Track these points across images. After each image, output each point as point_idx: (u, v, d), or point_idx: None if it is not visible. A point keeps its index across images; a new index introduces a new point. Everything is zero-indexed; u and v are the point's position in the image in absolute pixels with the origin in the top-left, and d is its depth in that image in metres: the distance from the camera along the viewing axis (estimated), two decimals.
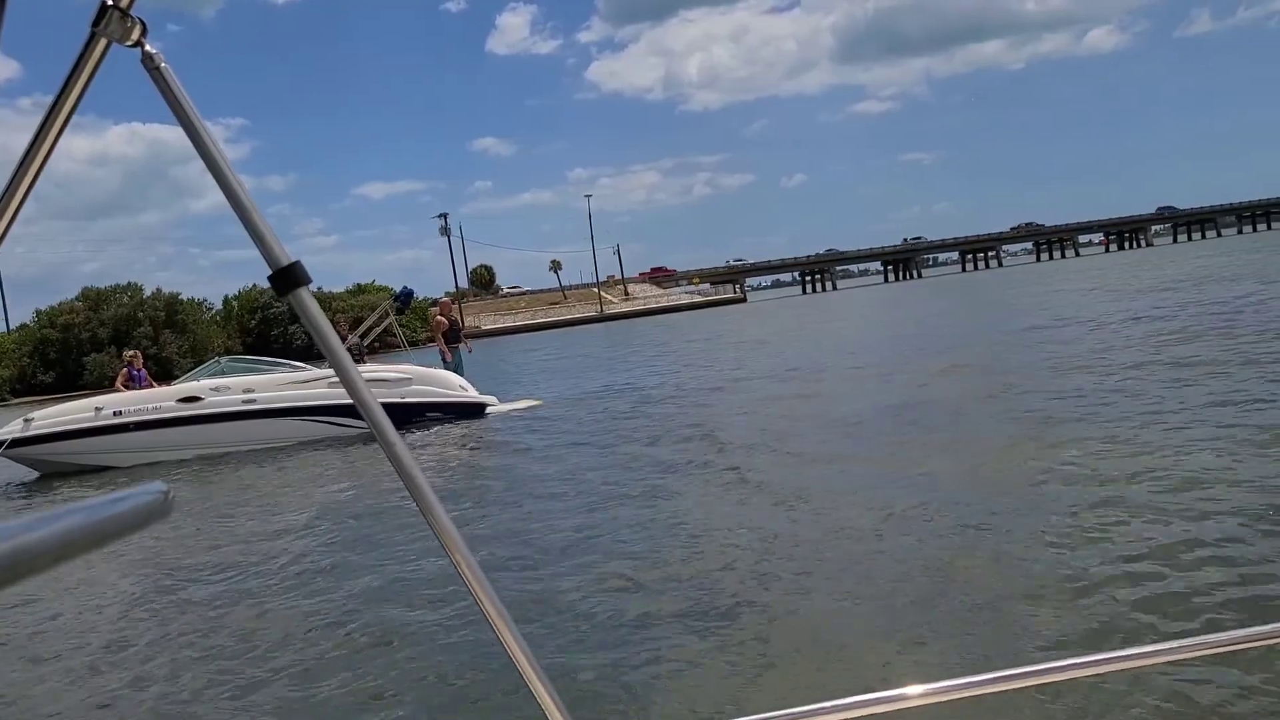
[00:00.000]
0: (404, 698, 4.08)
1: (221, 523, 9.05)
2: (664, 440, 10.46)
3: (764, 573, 5.22)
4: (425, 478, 1.04)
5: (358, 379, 1.06)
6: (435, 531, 1.04)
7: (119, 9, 1.01)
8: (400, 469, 1.05)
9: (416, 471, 1.04)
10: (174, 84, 1.07)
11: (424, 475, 1.04)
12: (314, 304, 1.06)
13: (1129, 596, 4.16)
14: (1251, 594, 4.01)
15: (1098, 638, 3.74)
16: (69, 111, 1.06)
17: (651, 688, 3.90)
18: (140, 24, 1.03)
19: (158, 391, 15.23)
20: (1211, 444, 6.76)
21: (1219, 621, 3.68)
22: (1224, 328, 13.74)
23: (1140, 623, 3.87)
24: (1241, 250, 51.42)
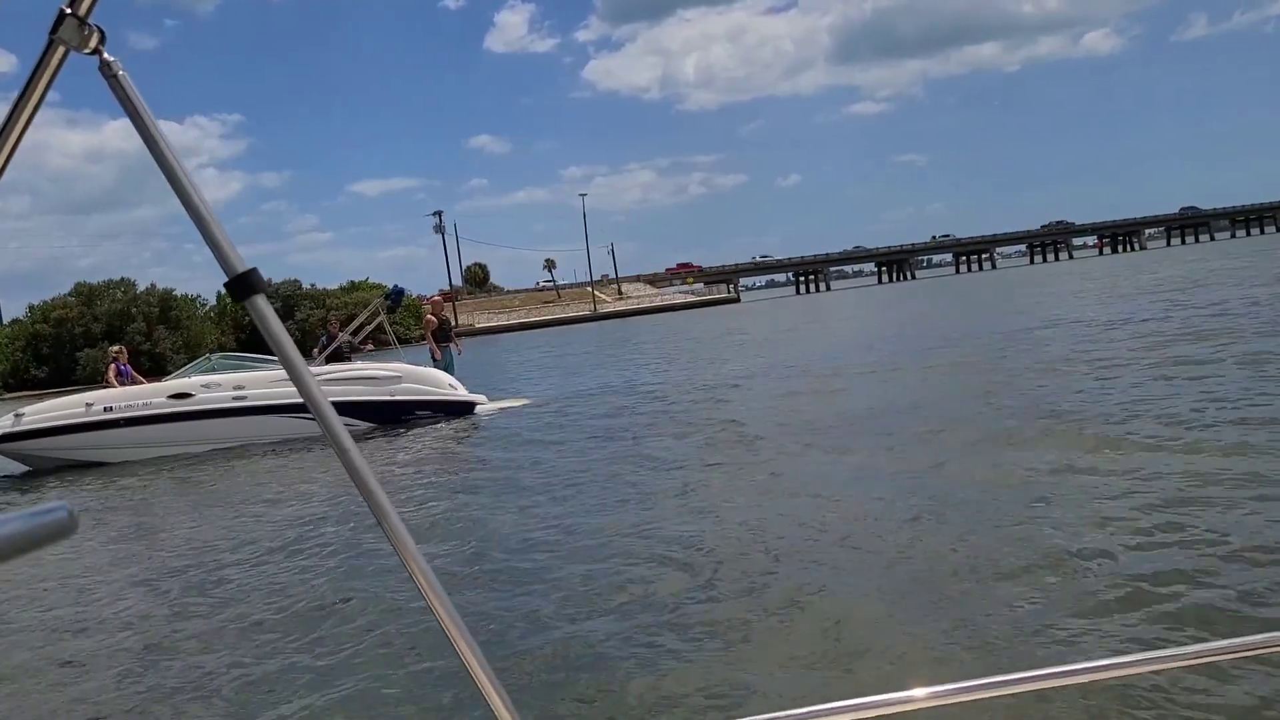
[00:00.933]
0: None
1: (208, 516, 9.11)
2: (649, 438, 10.54)
3: (751, 570, 5.28)
4: (380, 485, 1.06)
5: (313, 385, 1.08)
6: (390, 538, 1.06)
7: (76, 17, 1.01)
8: (354, 474, 1.06)
9: (371, 478, 1.06)
10: (131, 91, 1.05)
11: (379, 482, 1.06)
12: (270, 311, 1.08)
13: (1179, 599, 4.10)
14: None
15: (1125, 642, 3.75)
16: (28, 117, 1.06)
17: (641, 690, 3.92)
18: (98, 31, 1.03)
19: (149, 388, 15.28)
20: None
21: (1240, 625, 3.70)
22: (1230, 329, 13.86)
23: (1174, 628, 3.84)
24: (1240, 254, 51.58)
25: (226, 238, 1.07)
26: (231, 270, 1.07)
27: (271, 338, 1.08)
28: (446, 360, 16.64)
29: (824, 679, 3.81)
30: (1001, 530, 5.44)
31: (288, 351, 1.07)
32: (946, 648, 3.96)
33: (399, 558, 1.06)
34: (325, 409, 1.07)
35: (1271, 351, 10.77)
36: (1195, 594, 4.14)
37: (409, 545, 1.06)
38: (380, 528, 1.06)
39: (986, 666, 3.71)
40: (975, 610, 4.31)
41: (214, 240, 1.07)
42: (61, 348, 69.29)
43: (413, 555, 1.06)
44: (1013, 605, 4.32)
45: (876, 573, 5.00)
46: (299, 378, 1.07)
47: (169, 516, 9.74)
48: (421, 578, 1.05)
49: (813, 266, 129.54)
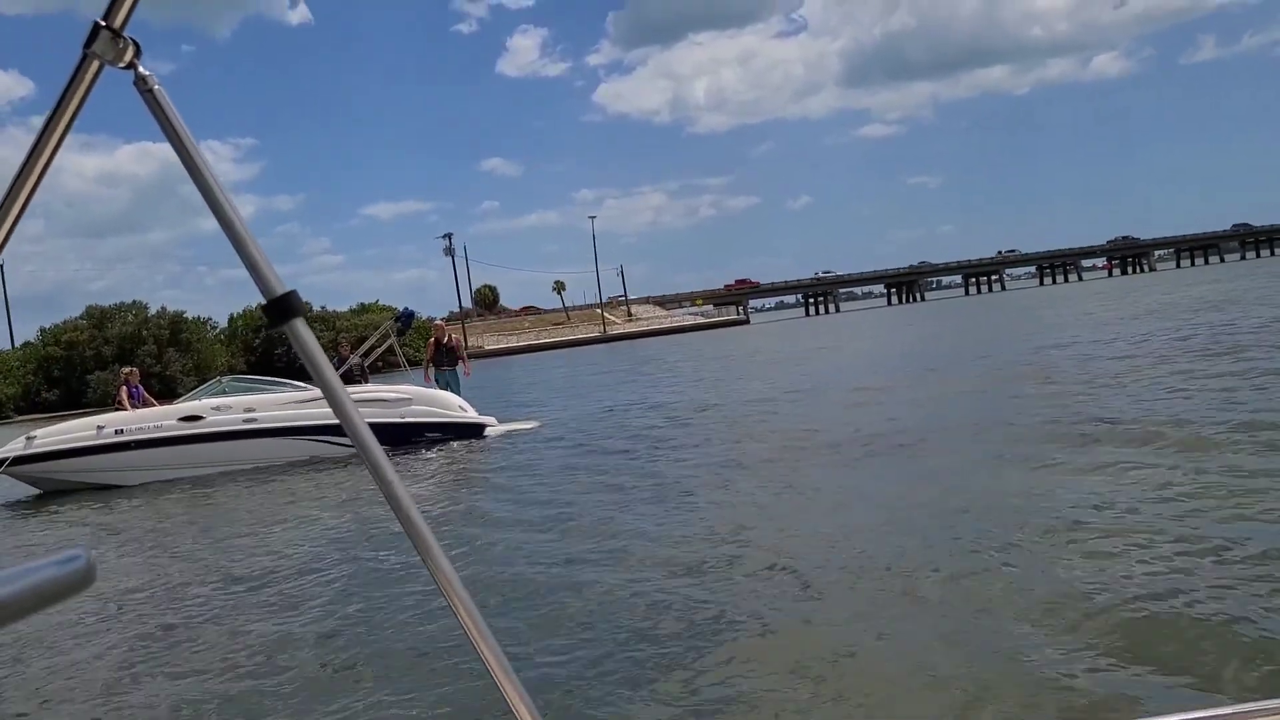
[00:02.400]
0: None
1: (218, 540, 9.09)
2: (661, 463, 10.50)
3: (755, 603, 5.25)
4: (417, 509, 1.04)
5: (351, 408, 1.04)
6: (430, 569, 1.03)
7: (111, 30, 0.98)
8: (392, 498, 1.04)
9: (408, 500, 1.04)
10: (168, 107, 1.03)
11: (416, 507, 1.04)
12: (309, 334, 1.04)
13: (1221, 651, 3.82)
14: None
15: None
16: (62, 132, 1.03)
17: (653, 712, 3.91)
18: (134, 45, 1.00)
19: (159, 410, 15.30)
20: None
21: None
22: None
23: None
24: (1246, 275, 51.45)
25: (265, 258, 1.04)
26: (270, 292, 1.04)
27: (310, 363, 1.04)
28: (447, 382, 16.67)
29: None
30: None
31: (326, 377, 1.04)
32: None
33: (440, 590, 1.03)
34: (365, 435, 1.03)
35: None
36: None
37: (451, 577, 1.03)
38: (422, 561, 1.04)
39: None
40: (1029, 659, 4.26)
41: (252, 261, 1.04)
42: (72, 371, 69.57)
43: (451, 581, 1.03)
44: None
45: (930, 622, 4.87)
46: (339, 404, 1.04)
47: (180, 538, 9.72)
48: (463, 612, 1.02)
49: (822, 288, 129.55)
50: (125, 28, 1.00)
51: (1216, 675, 3.59)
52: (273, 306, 1.03)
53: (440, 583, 1.03)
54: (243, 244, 1.04)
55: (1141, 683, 3.63)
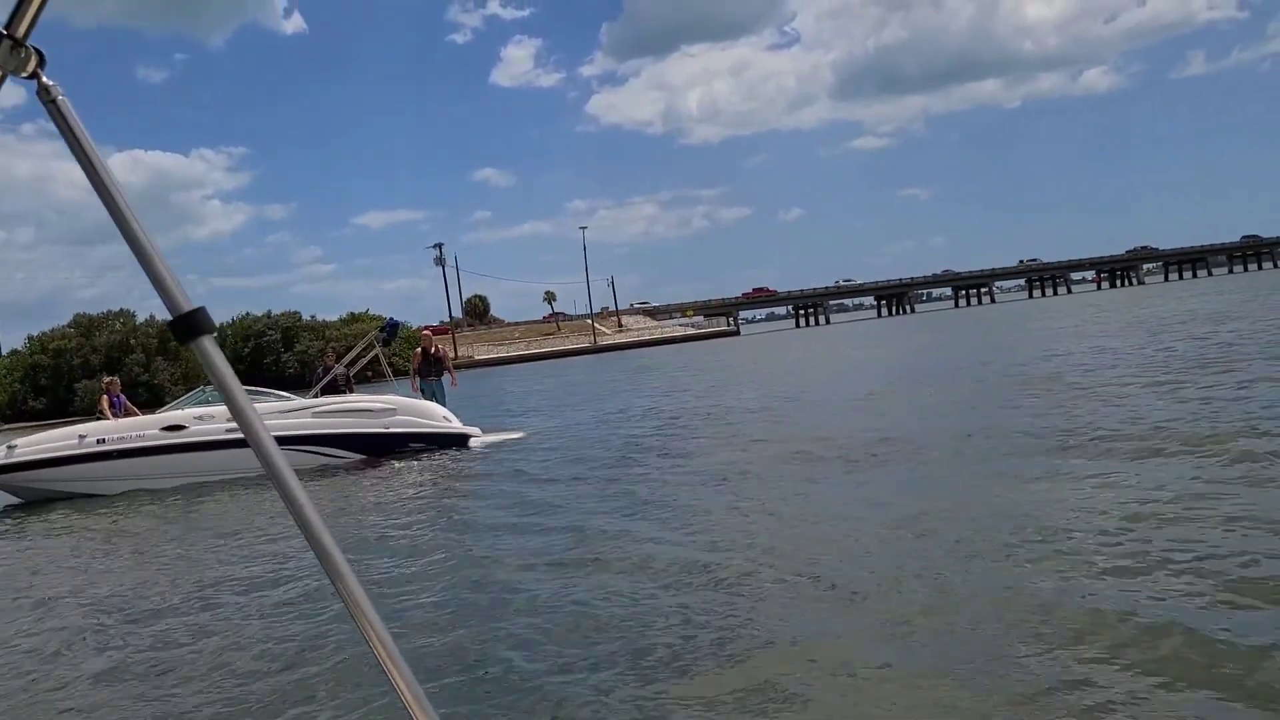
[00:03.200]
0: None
1: (195, 552, 9.04)
2: (640, 473, 10.48)
3: (734, 620, 5.24)
4: (328, 531, 1.03)
5: (261, 429, 1.03)
6: (340, 592, 1.02)
7: (12, 39, 0.97)
8: (301, 520, 1.03)
9: (318, 522, 1.03)
10: (72, 118, 1.00)
11: (327, 529, 1.03)
12: (217, 352, 1.02)
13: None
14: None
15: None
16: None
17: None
18: (37, 54, 0.99)
19: (142, 420, 15.24)
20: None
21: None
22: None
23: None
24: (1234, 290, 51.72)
25: (172, 274, 1.02)
26: (177, 309, 1.02)
27: (219, 381, 1.02)
28: (431, 392, 16.66)
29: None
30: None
31: (236, 397, 1.03)
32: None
33: (349, 614, 1.02)
34: (274, 457, 1.02)
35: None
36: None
37: (361, 600, 1.01)
38: (334, 587, 1.02)
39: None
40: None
41: (158, 277, 1.02)
42: (60, 379, 69.22)
43: (365, 613, 1.01)
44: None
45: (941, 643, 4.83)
46: (247, 424, 1.03)
47: (158, 548, 9.66)
48: (374, 636, 1.01)
49: (812, 300, 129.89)
50: (28, 38, 0.99)
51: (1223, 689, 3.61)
52: (179, 323, 1.02)
53: (350, 606, 1.02)
54: (149, 259, 1.02)
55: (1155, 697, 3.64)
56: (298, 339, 79.96)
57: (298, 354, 75.09)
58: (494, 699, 4.27)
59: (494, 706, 4.18)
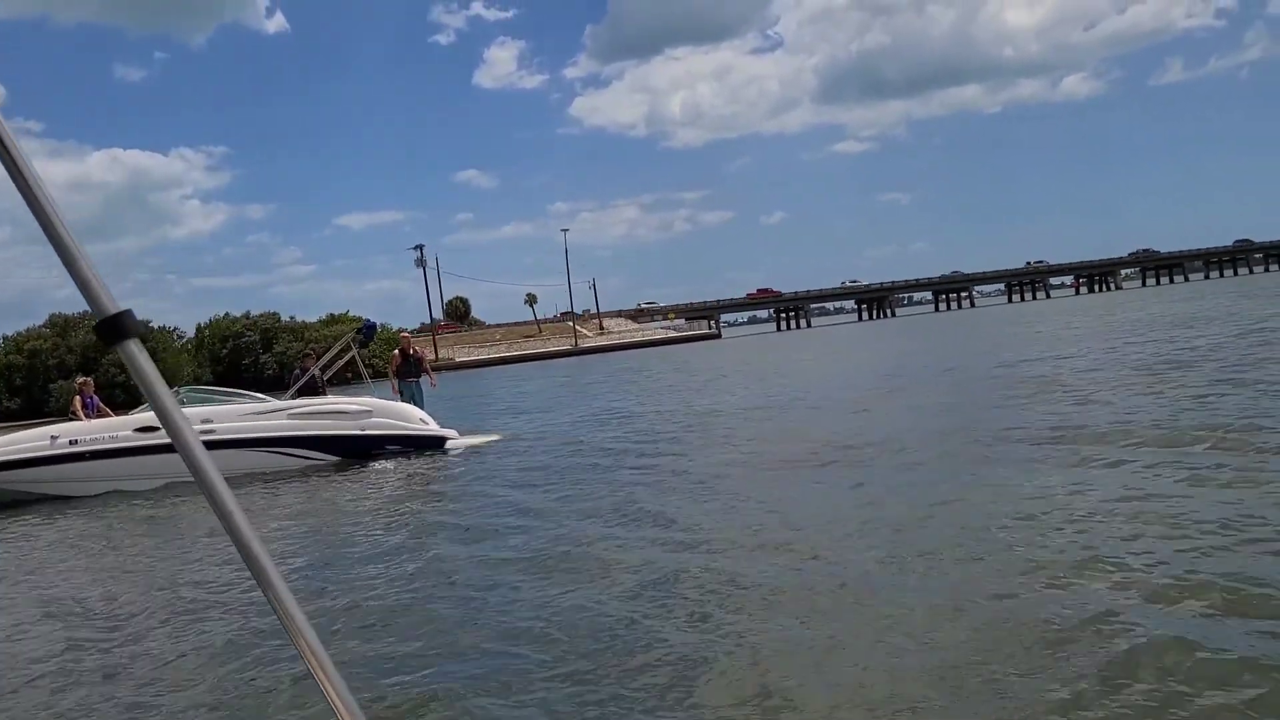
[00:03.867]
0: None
1: (165, 554, 8.98)
2: (615, 476, 10.48)
3: (702, 624, 5.24)
4: (259, 539, 1.01)
5: (191, 437, 1.00)
6: (270, 600, 1.00)
7: None
8: (232, 529, 1.01)
9: (248, 531, 1.01)
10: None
11: (258, 537, 1.01)
12: (144, 355, 0.99)
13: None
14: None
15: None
16: None
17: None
18: None
19: (114, 421, 15.11)
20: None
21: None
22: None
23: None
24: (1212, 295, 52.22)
25: (97, 275, 0.99)
26: (102, 311, 0.98)
27: (145, 385, 0.99)
28: (411, 395, 16.57)
29: None
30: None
31: (163, 402, 0.99)
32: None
33: (280, 623, 1.00)
34: (204, 464, 1.00)
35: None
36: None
37: (292, 609, 1.00)
38: (265, 596, 1.00)
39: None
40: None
41: (83, 278, 0.98)
42: (35, 379, 68.64)
43: (296, 621, 1.00)
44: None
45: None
46: (177, 431, 0.99)
47: (129, 550, 9.59)
48: (305, 645, 1.00)
49: (793, 304, 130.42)
50: None
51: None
52: (105, 326, 0.98)
53: (280, 614, 1.01)
54: (73, 260, 0.98)
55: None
56: (277, 340, 79.55)
57: (276, 355, 74.69)
58: (448, 706, 4.26)
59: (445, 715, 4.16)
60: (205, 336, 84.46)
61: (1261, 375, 12.26)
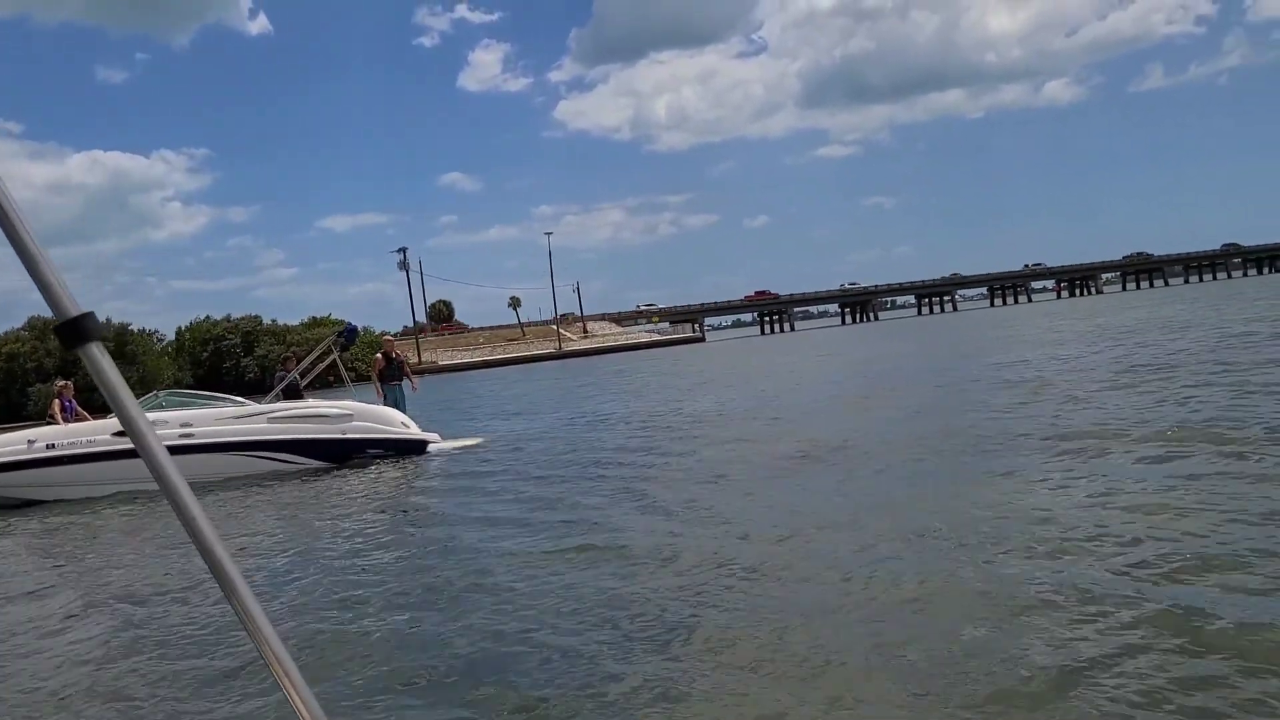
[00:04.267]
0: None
1: (143, 558, 8.92)
2: (594, 481, 10.47)
3: (678, 624, 5.24)
4: (222, 544, 1.01)
5: (154, 440, 1.00)
6: (233, 605, 1.01)
7: None
8: (195, 534, 1.01)
9: (212, 535, 1.01)
10: None
11: (221, 541, 1.01)
12: (107, 359, 0.99)
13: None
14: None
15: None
16: None
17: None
18: None
19: (93, 425, 14.98)
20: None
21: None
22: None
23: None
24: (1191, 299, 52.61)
25: (59, 277, 0.98)
26: (64, 313, 0.97)
27: (108, 390, 0.99)
28: (395, 399, 16.51)
29: None
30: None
31: (126, 406, 0.99)
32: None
33: (242, 625, 1.00)
34: (167, 469, 0.99)
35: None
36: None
37: (255, 612, 1.01)
38: (228, 601, 1.00)
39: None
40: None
41: (44, 281, 0.97)
42: (13, 382, 68.06)
43: (259, 625, 1.00)
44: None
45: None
46: (139, 435, 0.99)
47: (110, 555, 9.52)
48: (268, 649, 1.00)
49: (777, 307, 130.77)
50: None
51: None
52: (66, 328, 0.97)
53: (243, 618, 1.01)
54: (34, 262, 0.97)
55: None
56: (258, 343, 79.16)
57: (258, 359, 74.34)
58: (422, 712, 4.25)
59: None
60: (186, 340, 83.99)
61: (1243, 378, 12.38)
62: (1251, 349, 16.56)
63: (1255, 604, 4.36)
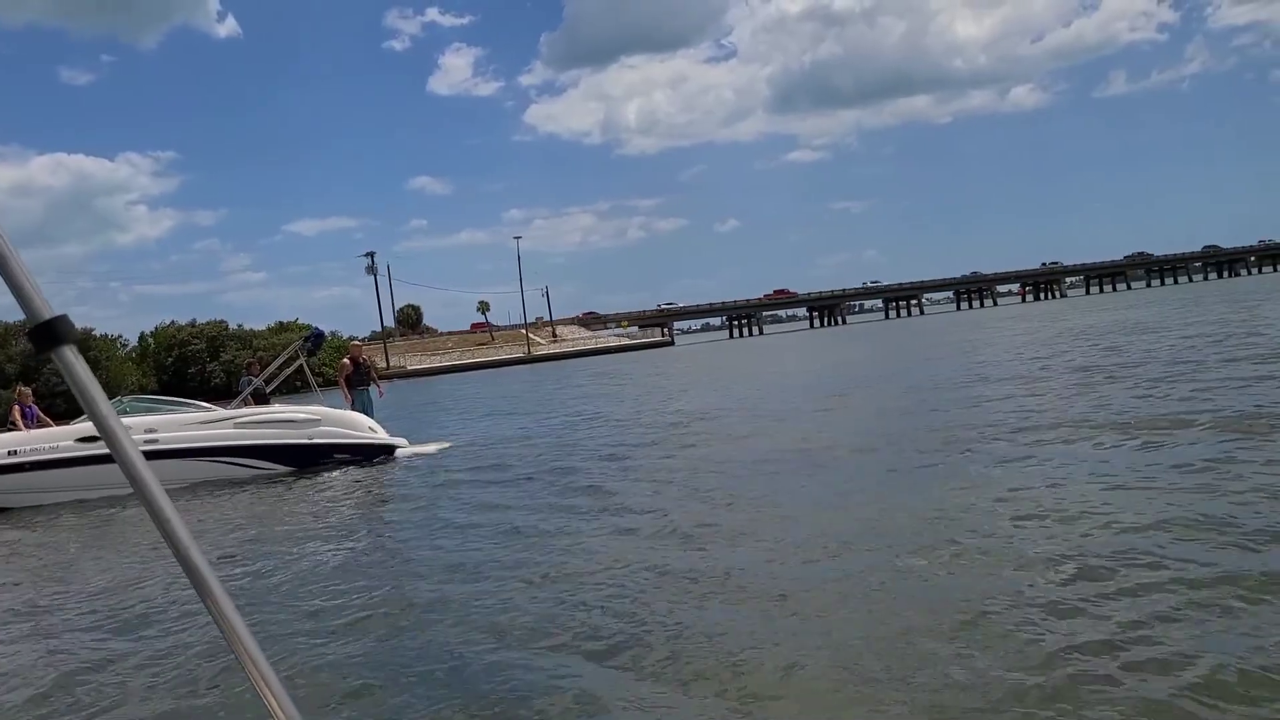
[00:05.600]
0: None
1: (110, 565, 8.88)
2: (562, 483, 10.53)
3: (643, 620, 5.32)
4: (198, 547, 1.01)
5: (129, 444, 0.99)
6: (209, 608, 1.00)
7: None
8: (169, 536, 1.01)
9: (187, 539, 1.01)
10: None
11: (196, 545, 1.01)
12: (80, 362, 0.98)
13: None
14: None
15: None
16: None
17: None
18: None
19: (56, 431, 14.84)
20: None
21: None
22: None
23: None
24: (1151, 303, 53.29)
25: (32, 280, 0.97)
26: (36, 316, 0.97)
27: (81, 393, 0.98)
28: (363, 403, 16.46)
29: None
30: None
31: (99, 409, 0.98)
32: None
33: (217, 627, 1.00)
34: (142, 472, 0.99)
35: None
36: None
37: (232, 616, 1.00)
38: (203, 604, 1.00)
39: None
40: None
41: (16, 283, 0.96)
42: None
43: (236, 629, 1.00)
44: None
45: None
46: (113, 438, 0.98)
47: (72, 562, 9.46)
48: (246, 654, 1.00)
49: (745, 311, 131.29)
50: None
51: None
52: (39, 331, 0.97)
53: (219, 621, 1.00)
54: (6, 264, 0.97)
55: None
56: (224, 348, 78.40)
57: (224, 364, 73.62)
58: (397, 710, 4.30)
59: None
60: (150, 345, 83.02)
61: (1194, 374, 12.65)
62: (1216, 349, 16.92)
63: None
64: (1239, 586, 4.55)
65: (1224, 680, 3.62)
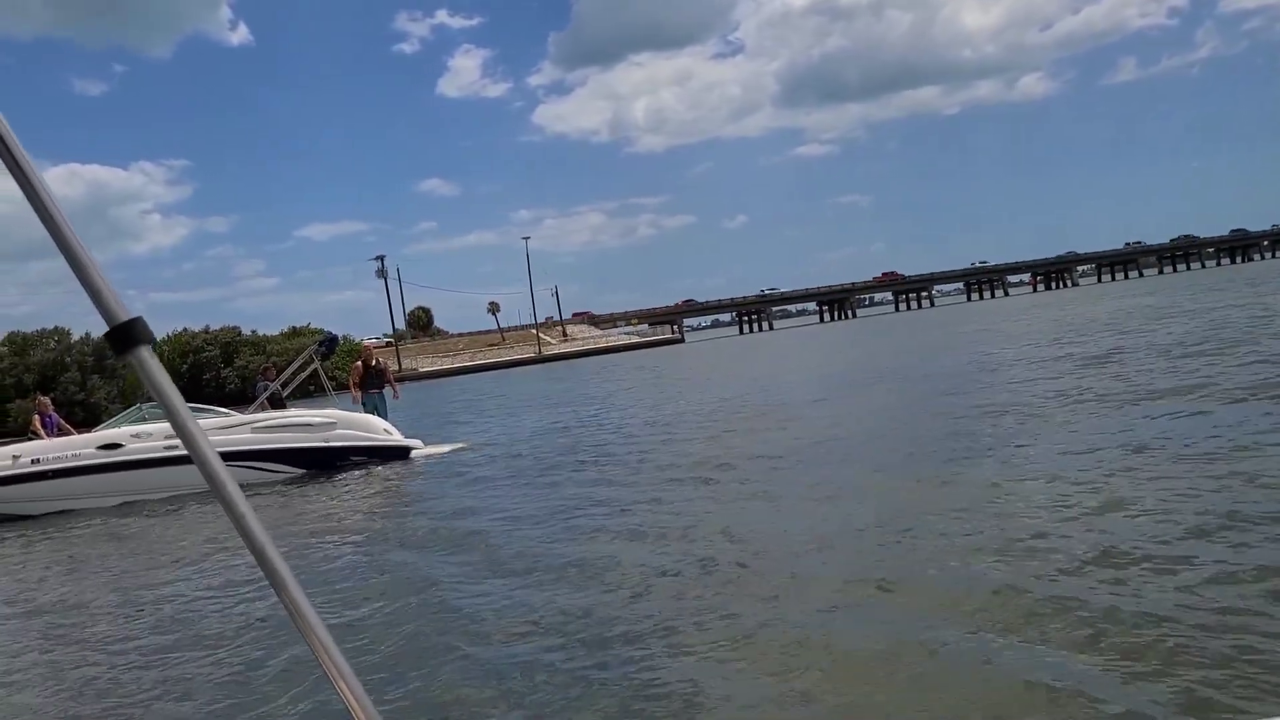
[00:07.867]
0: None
1: (137, 571, 9.06)
2: (578, 482, 10.65)
3: (655, 630, 5.46)
4: (273, 544, 1.03)
5: (204, 443, 1.02)
6: (286, 605, 1.02)
7: None
8: (244, 532, 1.03)
9: (262, 535, 1.02)
10: (3, 128, 0.97)
11: (272, 541, 1.03)
12: (156, 363, 1.01)
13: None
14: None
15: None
16: None
17: None
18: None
19: (77, 439, 15.09)
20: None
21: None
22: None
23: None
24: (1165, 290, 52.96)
25: (108, 283, 0.99)
26: (113, 319, 0.99)
27: (159, 394, 1.01)
28: (375, 405, 16.61)
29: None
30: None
31: (177, 409, 1.01)
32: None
33: (295, 626, 1.01)
34: (218, 470, 1.02)
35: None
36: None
37: (308, 612, 1.01)
38: (279, 598, 1.01)
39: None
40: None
41: (94, 287, 0.99)
42: None
43: (312, 625, 1.01)
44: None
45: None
46: (189, 437, 1.01)
47: (93, 569, 9.65)
48: (321, 649, 1.01)
49: (755, 306, 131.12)
50: None
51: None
52: (116, 334, 0.99)
53: (295, 617, 1.01)
54: (84, 268, 0.99)
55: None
56: (238, 354, 78.78)
57: (238, 369, 73.98)
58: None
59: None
60: (164, 351, 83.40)
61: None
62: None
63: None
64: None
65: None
